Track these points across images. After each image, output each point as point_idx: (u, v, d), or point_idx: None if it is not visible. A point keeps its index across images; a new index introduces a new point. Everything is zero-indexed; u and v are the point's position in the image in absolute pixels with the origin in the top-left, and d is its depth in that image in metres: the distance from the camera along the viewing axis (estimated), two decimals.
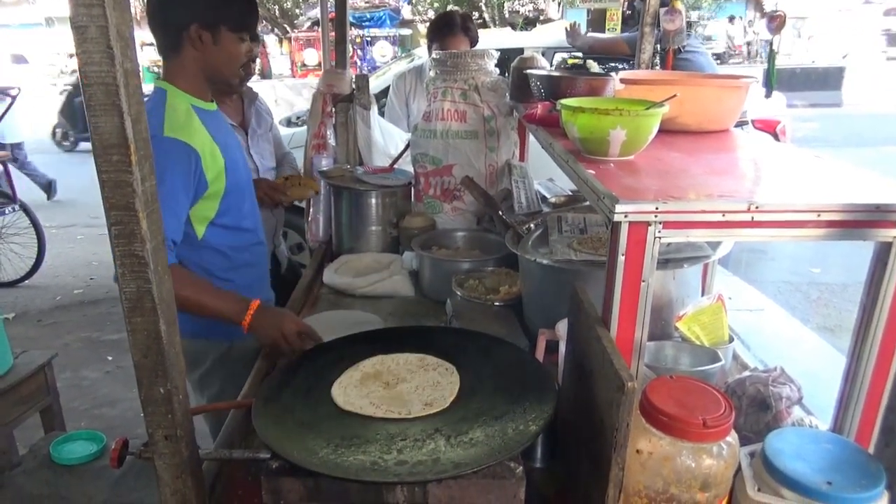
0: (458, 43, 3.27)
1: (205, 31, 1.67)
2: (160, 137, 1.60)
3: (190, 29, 1.66)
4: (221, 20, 1.69)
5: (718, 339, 1.54)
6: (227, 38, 1.72)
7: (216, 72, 1.76)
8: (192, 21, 1.65)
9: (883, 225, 1.05)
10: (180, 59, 1.70)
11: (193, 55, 1.70)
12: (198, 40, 1.68)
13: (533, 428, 1.07)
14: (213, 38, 1.69)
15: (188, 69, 1.72)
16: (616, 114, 1.29)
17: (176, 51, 1.70)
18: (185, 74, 1.72)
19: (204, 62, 1.72)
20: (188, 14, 1.65)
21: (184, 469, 1.02)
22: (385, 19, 17.35)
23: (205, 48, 1.69)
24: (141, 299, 0.91)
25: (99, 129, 0.83)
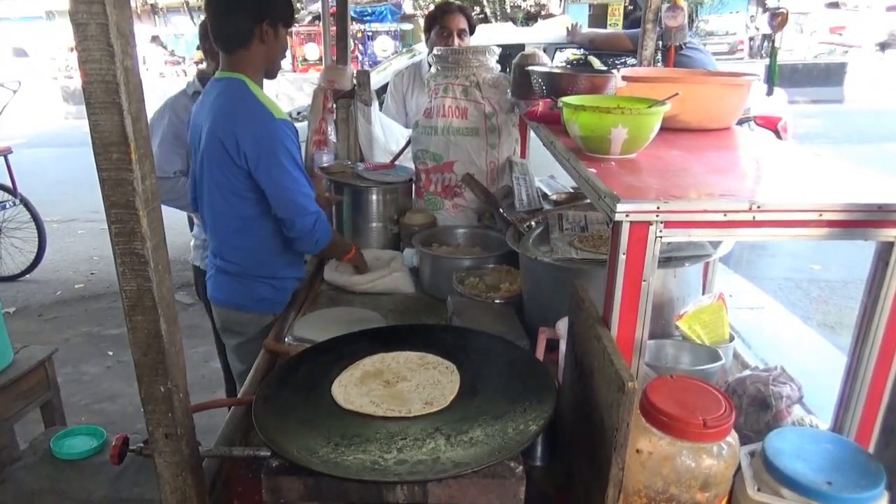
0: (455, 20, 3.28)
1: (270, 27, 1.91)
2: (275, 121, 1.86)
3: (262, 26, 1.89)
4: (280, 18, 1.94)
5: (719, 337, 1.54)
6: (282, 32, 1.97)
7: (273, 62, 2.01)
8: (264, 19, 1.88)
9: (884, 225, 1.05)
10: (249, 53, 1.91)
11: (260, 49, 1.92)
12: (265, 35, 1.91)
13: (533, 427, 1.07)
14: (275, 33, 1.93)
15: (254, 61, 1.93)
16: (617, 112, 1.29)
17: (245, 45, 1.90)
18: (251, 66, 1.93)
19: (267, 54, 1.95)
20: (262, 13, 1.88)
21: (184, 467, 1.02)
22: (386, 14, 17.31)
23: (269, 43, 1.93)
24: (141, 298, 0.91)
25: (99, 127, 0.83)
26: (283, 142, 1.86)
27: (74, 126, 13.95)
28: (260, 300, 2.09)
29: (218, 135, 1.86)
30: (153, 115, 2.57)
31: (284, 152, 1.87)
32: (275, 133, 1.85)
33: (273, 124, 1.86)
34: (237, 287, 2.09)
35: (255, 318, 2.12)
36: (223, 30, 1.91)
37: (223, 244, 2.06)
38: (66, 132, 13.24)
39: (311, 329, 1.75)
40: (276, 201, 1.93)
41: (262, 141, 1.84)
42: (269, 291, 2.10)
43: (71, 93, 15.77)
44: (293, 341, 1.73)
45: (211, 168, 1.94)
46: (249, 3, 1.88)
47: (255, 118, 1.85)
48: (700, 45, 4.27)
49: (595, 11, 21.85)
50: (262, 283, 2.08)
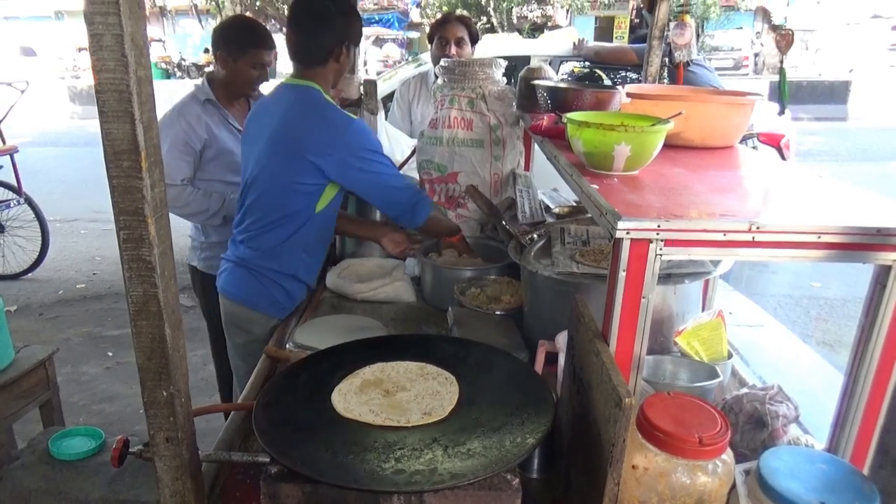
0: (453, 30, 3.34)
1: (345, 47, 2.03)
2: (355, 122, 1.98)
3: (342, 46, 2.01)
4: (354, 40, 2.09)
5: (717, 354, 1.55)
6: (352, 52, 2.11)
7: (337, 79, 2.13)
8: (344, 40, 2.01)
9: (883, 248, 1.06)
10: (324, 69, 2.03)
11: (334, 67, 2.05)
12: (341, 55, 2.03)
13: (530, 440, 1.07)
14: (348, 53, 2.06)
15: (326, 78, 2.05)
16: (621, 129, 1.30)
17: (322, 62, 2.02)
18: (324, 79, 2.04)
19: (337, 71, 2.08)
20: (344, 34, 2.01)
21: (184, 471, 1.03)
22: (393, 21, 17.45)
23: (341, 61, 2.06)
24: (147, 303, 0.93)
25: (111, 135, 0.85)
26: (368, 139, 2.00)
27: (80, 126, 14.03)
28: (273, 302, 2.13)
29: (294, 133, 1.95)
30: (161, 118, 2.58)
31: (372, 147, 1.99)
32: (358, 136, 1.96)
33: (354, 128, 1.96)
34: (254, 284, 2.12)
35: (263, 319, 2.15)
36: (306, 46, 2.00)
37: (258, 237, 2.09)
38: (72, 132, 13.32)
39: (313, 336, 1.76)
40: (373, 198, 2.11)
41: (350, 146, 1.94)
42: (282, 294, 2.14)
43: (77, 93, 15.87)
44: (294, 347, 1.74)
45: (281, 169, 1.99)
46: (336, 25, 2.00)
47: (339, 125, 1.95)
48: (705, 62, 4.29)
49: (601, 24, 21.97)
50: (279, 285, 2.12)
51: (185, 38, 23.90)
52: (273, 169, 2.02)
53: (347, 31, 2.03)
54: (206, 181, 2.60)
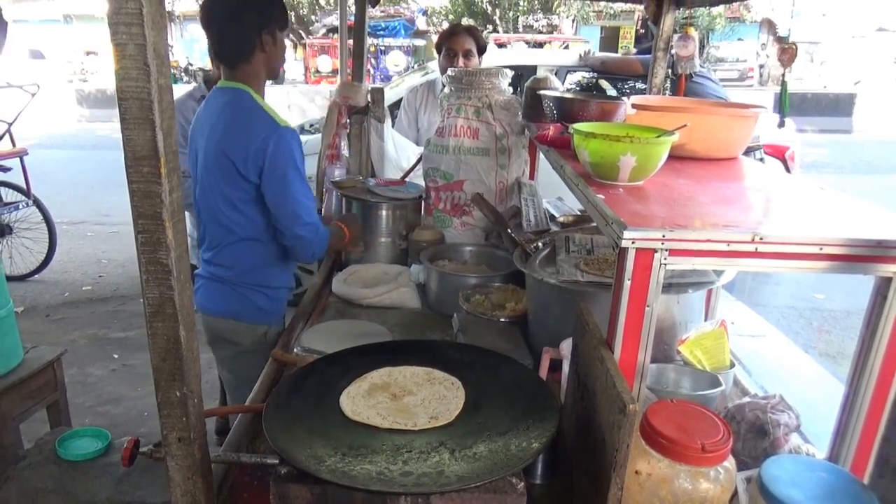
0: (461, 41, 3.37)
1: (268, 35, 1.93)
2: (281, 128, 1.88)
3: (263, 35, 1.92)
4: (277, 24, 1.96)
5: (720, 363, 1.57)
6: (280, 37, 2.00)
7: (274, 68, 2.03)
8: (262, 28, 1.91)
9: (883, 260, 1.08)
10: (252, 64, 1.94)
11: (262, 58, 1.95)
12: (266, 44, 1.94)
13: (535, 445, 1.09)
14: (274, 40, 1.96)
15: (257, 71, 1.97)
16: (627, 141, 1.33)
17: (247, 57, 1.93)
18: (254, 76, 1.96)
19: (268, 62, 1.98)
20: (259, 23, 1.91)
21: (195, 471, 1.05)
22: (399, 29, 17.47)
23: (269, 50, 1.96)
24: (163, 305, 0.95)
25: (132, 142, 0.87)
26: (287, 150, 1.88)
27: (87, 129, 14.10)
28: (256, 309, 2.11)
29: (223, 147, 1.89)
30: None
31: (288, 160, 1.88)
32: (278, 141, 1.87)
33: (278, 133, 1.87)
34: (232, 296, 2.08)
35: (250, 328, 2.12)
36: (224, 45, 1.94)
37: (221, 252, 2.05)
38: (79, 135, 13.39)
39: (319, 340, 1.78)
40: (276, 210, 1.95)
41: (267, 149, 1.85)
42: (264, 301, 2.11)
43: (85, 96, 15.97)
44: (301, 351, 1.76)
45: (217, 180, 1.94)
46: (248, 16, 1.90)
47: (261, 128, 1.87)
48: (710, 73, 4.32)
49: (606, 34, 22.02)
50: (257, 291, 2.09)
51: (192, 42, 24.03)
52: (211, 184, 1.97)
53: (263, 17, 1.92)
54: None
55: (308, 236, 1.98)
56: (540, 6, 19.35)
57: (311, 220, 1.98)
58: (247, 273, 2.06)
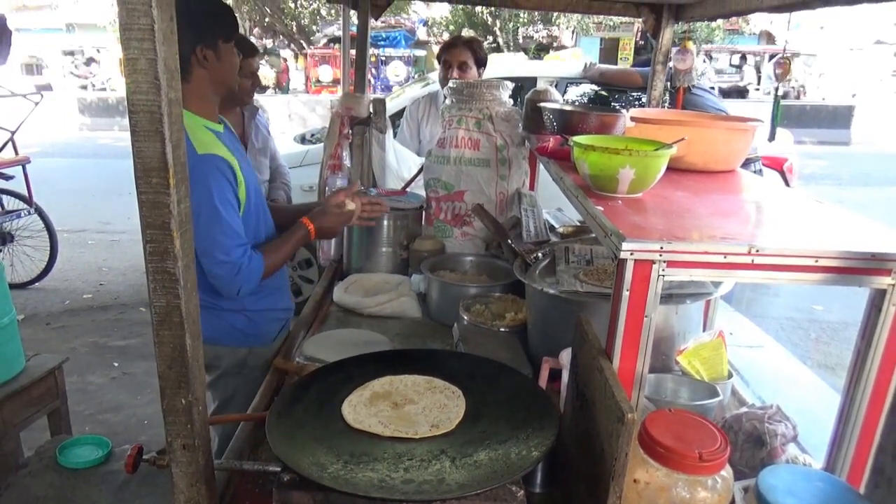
0: (458, 53, 3.40)
1: (208, 49, 1.77)
2: (196, 156, 1.70)
3: (196, 52, 1.75)
4: (219, 34, 1.79)
5: (718, 374, 1.58)
6: (225, 49, 1.81)
7: (222, 84, 1.86)
8: (196, 44, 1.74)
9: (878, 273, 1.10)
10: (190, 85, 1.75)
11: (201, 75, 1.79)
12: (203, 60, 1.77)
13: (535, 454, 1.11)
14: (216, 53, 1.79)
15: (198, 91, 1.80)
16: (626, 153, 1.35)
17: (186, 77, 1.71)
18: (196, 97, 1.79)
19: (211, 79, 1.81)
20: (192, 39, 1.73)
21: (199, 478, 1.06)
22: (400, 40, 17.58)
23: (210, 65, 1.78)
24: (170, 314, 0.97)
25: (142, 154, 0.89)
26: (204, 179, 1.71)
27: (88, 137, 14.14)
28: (234, 332, 1.99)
29: None
30: None
31: (202, 193, 1.69)
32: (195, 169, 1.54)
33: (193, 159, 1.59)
34: (210, 320, 1.90)
35: (229, 352, 2.02)
36: None
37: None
38: (81, 143, 13.43)
39: (321, 349, 1.80)
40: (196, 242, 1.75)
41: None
42: (243, 323, 2.00)
43: (87, 104, 16.02)
44: (303, 360, 1.77)
45: None
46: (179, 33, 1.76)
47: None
48: (707, 85, 4.35)
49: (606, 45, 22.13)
50: (234, 313, 1.98)
51: None
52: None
53: (198, 32, 1.74)
54: None
55: (224, 275, 1.79)
56: (540, 18, 19.47)
57: (228, 259, 1.77)
58: (216, 297, 1.91)
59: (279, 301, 2.11)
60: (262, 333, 2.06)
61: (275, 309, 2.09)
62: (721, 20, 19.22)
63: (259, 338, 2.04)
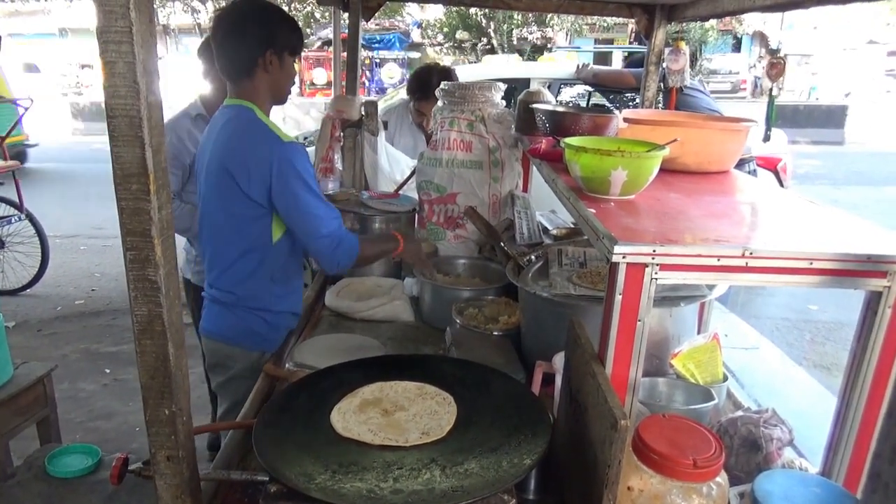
0: (430, 107, 3.28)
1: (275, 56, 1.91)
2: (284, 144, 1.85)
3: (266, 55, 1.89)
4: (286, 46, 1.93)
5: (713, 377, 1.56)
6: (288, 61, 1.96)
7: (279, 91, 1.99)
8: (267, 48, 1.88)
9: (873, 275, 1.08)
10: (253, 82, 1.91)
11: (264, 77, 1.92)
12: (269, 64, 1.91)
13: (527, 461, 1.09)
14: (280, 62, 1.93)
15: (260, 90, 1.93)
16: (618, 155, 1.33)
17: (249, 74, 1.90)
18: (257, 94, 1.93)
19: (272, 83, 1.95)
20: (265, 42, 1.88)
21: (184, 489, 1.04)
22: (394, 42, 17.56)
23: (274, 71, 1.92)
24: (152, 322, 0.94)
25: (121, 159, 0.87)
26: (293, 165, 1.84)
27: (82, 142, 14.10)
28: (252, 334, 2.02)
29: (226, 164, 1.86)
30: None
31: (295, 176, 1.84)
32: (284, 157, 1.83)
33: (282, 148, 1.84)
34: (231, 320, 2.02)
35: (243, 354, 2.03)
36: (228, 60, 1.91)
37: (223, 274, 2.00)
38: (74, 148, 13.38)
39: (312, 355, 1.78)
40: (292, 226, 1.92)
41: (272, 166, 1.82)
42: (263, 326, 2.02)
43: (80, 109, 15.97)
44: (293, 366, 1.75)
45: (220, 198, 1.91)
46: (253, 33, 1.87)
47: (263, 145, 1.85)
48: (701, 86, 4.34)
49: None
50: (256, 316, 2.01)
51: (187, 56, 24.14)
52: (213, 200, 1.94)
53: (268, 37, 1.88)
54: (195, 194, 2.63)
55: (325, 250, 1.92)
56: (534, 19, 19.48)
57: (328, 233, 1.91)
58: (245, 295, 1.99)
59: (296, 304, 2.15)
60: (277, 339, 2.07)
61: (291, 313, 2.12)
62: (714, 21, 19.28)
63: (273, 343, 2.06)
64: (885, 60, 24.62)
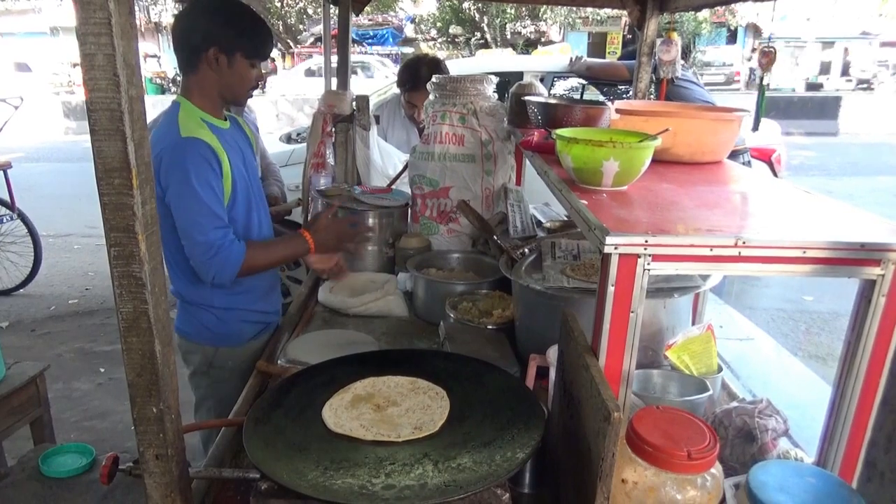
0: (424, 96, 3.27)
1: (222, 54, 1.81)
2: (179, 140, 1.74)
3: (209, 52, 1.79)
4: (238, 47, 1.83)
5: (707, 368, 1.56)
6: (241, 63, 1.85)
7: (228, 91, 1.89)
8: (211, 45, 1.79)
9: (867, 263, 1.07)
10: (197, 78, 1.83)
11: (209, 75, 1.83)
12: (214, 62, 1.81)
13: (520, 455, 1.08)
14: (229, 61, 1.83)
15: (203, 87, 1.85)
16: (609, 146, 1.32)
17: (194, 70, 1.83)
18: (200, 91, 1.85)
19: (218, 82, 1.85)
20: (209, 38, 1.79)
21: (173, 488, 1.03)
22: (388, 37, 17.55)
23: (220, 70, 1.83)
24: (137, 319, 0.93)
25: (102, 154, 0.86)
26: (182, 160, 1.71)
27: (74, 141, 14.02)
28: (202, 329, 1.97)
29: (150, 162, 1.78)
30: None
31: (181, 171, 1.72)
32: (175, 150, 1.72)
33: (176, 141, 1.72)
34: (184, 313, 1.99)
35: (197, 349, 2.00)
36: (177, 52, 1.84)
37: (168, 270, 1.93)
38: (66, 147, 13.31)
39: (304, 351, 1.76)
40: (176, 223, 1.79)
41: (162, 159, 1.72)
42: (212, 321, 1.96)
43: (72, 108, 15.88)
44: (286, 362, 1.74)
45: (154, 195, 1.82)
46: (199, 29, 1.80)
47: (165, 137, 1.76)
48: (695, 77, 4.34)
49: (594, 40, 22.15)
50: (204, 311, 1.95)
51: None
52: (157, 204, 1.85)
53: (215, 35, 1.79)
54: None
55: (198, 257, 1.77)
56: (527, 13, 19.45)
57: (204, 240, 1.74)
58: (188, 292, 1.94)
59: (254, 302, 2.04)
60: (232, 334, 2.00)
61: (248, 310, 2.02)
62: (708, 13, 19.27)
63: (228, 338, 1.99)
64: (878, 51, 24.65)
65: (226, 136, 1.90)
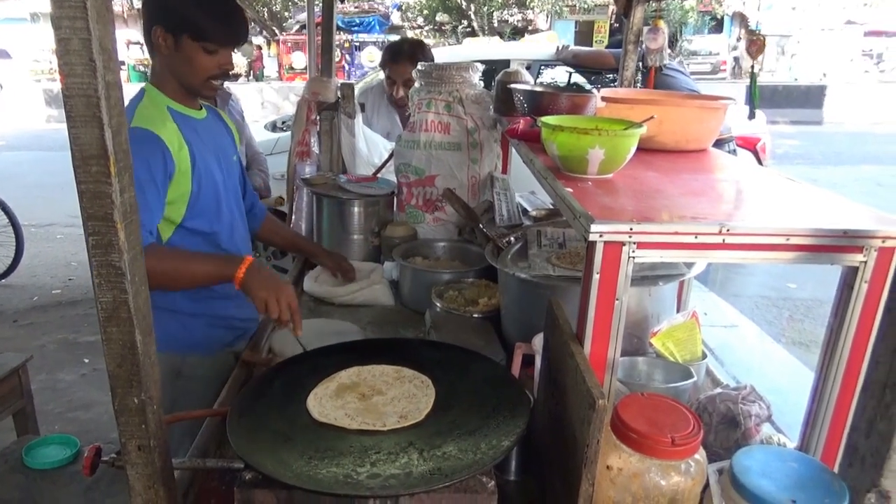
0: (402, 70, 3.22)
1: (168, 34, 1.67)
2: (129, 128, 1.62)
3: (154, 31, 1.67)
4: (183, 28, 1.67)
5: (692, 355, 1.56)
6: (189, 46, 1.69)
7: (180, 77, 1.74)
8: (155, 23, 1.67)
9: (850, 250, 1.08)
10: (155, 62, 1.73)
11: (159, 58, 1.72)
12: (160, 43, 1.68)
13: (506, 443, 1.08)
14: (175, 43, 1.68)
15: (160, 71, 1.74)
16: (595, 133, 1.32)
17: (151, 52, 1.73)
18: (162, 77, 1.75)
19: (169, 66, 1.72)
20: (153, 17, 1.67)
21: (156, 479, 1.02)
22: (374, 25, 17.39)
23: (167, 52, 1.69)
24: (117, 309, 0.92)
25: (79, 141, 0.84)
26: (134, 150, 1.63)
27: (56, 129, 13.82)
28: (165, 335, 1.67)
29: None
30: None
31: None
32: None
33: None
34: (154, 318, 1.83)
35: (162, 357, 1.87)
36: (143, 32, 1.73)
37: None
38: (48, 135, 13.11)
39: (289, 341, 1.75)
40: None
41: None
42: (176, 328, 1.81)
43: (53, 96, 15.65)
44: (271, 352, 1.73)
45: None
46: (147, 7, 1.69)
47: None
48: (681, 66, 4.34)
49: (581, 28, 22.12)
50: (167, 314, 1.75)
51: None
52: None
53: (158, 13, 1.66)
54: None
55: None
56: (515, 1, 19.37)
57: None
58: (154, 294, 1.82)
59: (225, 308, 1.90)
60: (198, 342, 1.87)
61: (218, 316, 1.89)
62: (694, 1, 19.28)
63: (195, 346, 1.85)
64: (863, 41, 24.78)
65: (196, 127, 1.79)
